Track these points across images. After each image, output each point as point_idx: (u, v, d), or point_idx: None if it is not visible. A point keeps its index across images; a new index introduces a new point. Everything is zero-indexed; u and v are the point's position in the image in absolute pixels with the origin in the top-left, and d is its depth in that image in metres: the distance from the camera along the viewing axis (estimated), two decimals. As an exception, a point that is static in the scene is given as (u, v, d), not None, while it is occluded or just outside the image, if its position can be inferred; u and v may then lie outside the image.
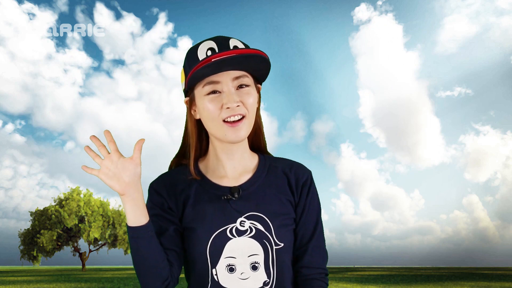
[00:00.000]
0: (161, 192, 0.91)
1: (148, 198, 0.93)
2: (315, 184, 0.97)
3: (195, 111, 0.91)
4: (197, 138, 0.94)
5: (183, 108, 0.97)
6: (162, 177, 0.94)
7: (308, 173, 0.96)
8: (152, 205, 0.91)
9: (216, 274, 0.84)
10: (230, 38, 0.86)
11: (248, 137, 0.97)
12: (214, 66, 0.80)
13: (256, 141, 0.98)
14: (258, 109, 0.93)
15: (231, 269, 0.84)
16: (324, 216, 0.97)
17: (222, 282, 0.84)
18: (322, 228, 0.95)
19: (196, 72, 0.82)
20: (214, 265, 0.85)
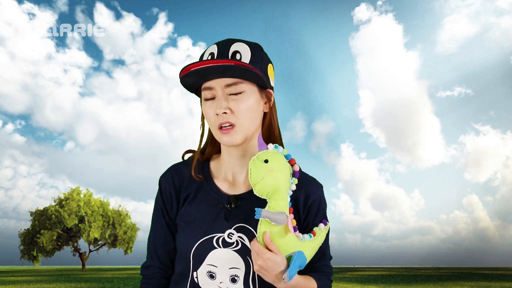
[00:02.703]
0: (168, 192, 0.94)
1: (156, 196, 0.97)
2: (326, 200, 0.96)
3: None
4: (209, 136, 0.96)
5: (183, 108, 0.98)
6: (170, 171, 0.96)
7: (320, 191, 0.94)
8: (158, 209, 0.95)
9: (196, 277, 0.86)
10: (234, 42, 0.86)
11: (265, 138, 0.95)
12: (196, 75, 0.83)
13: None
14: (270, 113, 0.93)
15: (211, 276, 0.85)
16: (324, 216, 0.96)
17: (201, 285, 0.86)
18: (328, 243, 0.95)
19: (184, 80, 0.85)
20: (195, 268, 0.86)
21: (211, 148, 0.98)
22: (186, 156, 0.99)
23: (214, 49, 0.86)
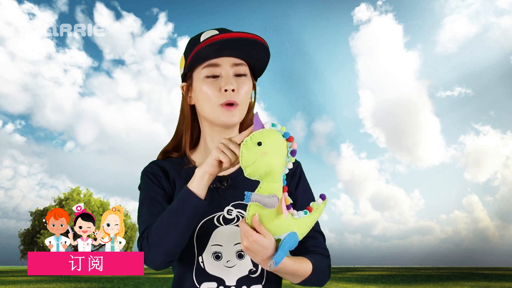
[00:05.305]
0: (158, 175, 0.91)
1: (144, 182, 0.92)
2: (305, 174, 0.98)
3: (190, 96, 0.92)
4: (191, 125, 0.95)
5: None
6: (155, 163, 0.95)
7: (297, 164, 0.98)
8: (151, 189, 0.90)
9: (202, 262, 0.85)
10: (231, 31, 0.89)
11: (240, 130, 0.98)
12: (217, 46, 0.82)
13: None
14: (252, 105, 0.95)
15: (217, 256, 0.85)
16: (324, 216, 0.97)
17: (208, 269, 0.85)
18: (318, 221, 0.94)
19: (199, 52, 0.84)
20: (200, 252, 0.86)
21: (191, 135, 0.97)
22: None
23: (214, 31, 0.87)
